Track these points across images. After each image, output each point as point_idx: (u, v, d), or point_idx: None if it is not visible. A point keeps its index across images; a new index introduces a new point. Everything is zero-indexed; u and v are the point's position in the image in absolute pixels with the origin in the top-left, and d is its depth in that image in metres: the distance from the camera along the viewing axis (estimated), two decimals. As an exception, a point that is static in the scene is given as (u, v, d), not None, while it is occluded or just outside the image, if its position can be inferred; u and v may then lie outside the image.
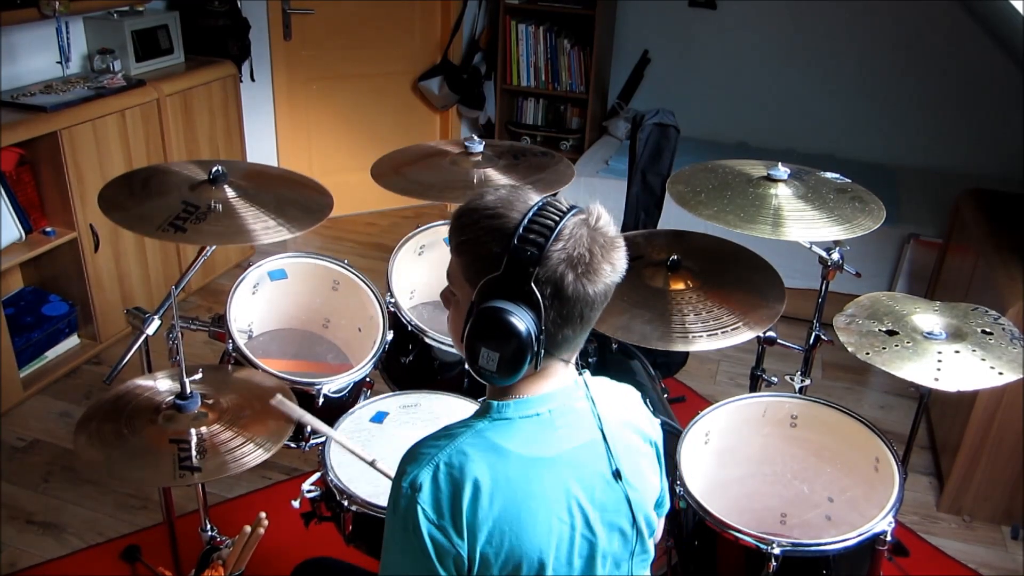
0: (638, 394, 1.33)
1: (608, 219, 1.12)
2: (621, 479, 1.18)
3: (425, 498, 1.07)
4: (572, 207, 1.12)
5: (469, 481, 1.07)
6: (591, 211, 1.12)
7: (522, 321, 1.06)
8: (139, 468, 1.57)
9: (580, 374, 1.22)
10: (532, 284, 1.06)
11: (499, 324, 1.07)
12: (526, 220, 1.08)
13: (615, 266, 1.11)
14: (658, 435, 1.32)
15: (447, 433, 1.14)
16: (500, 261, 1.08)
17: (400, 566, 1.11)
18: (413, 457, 1.11)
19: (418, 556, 1.08)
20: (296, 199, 2.06)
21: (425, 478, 1.08)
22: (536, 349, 1.09)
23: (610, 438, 1.18)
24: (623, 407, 1.27)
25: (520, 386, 1.16)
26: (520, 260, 1.06)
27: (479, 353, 1.10)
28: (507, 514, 1.08)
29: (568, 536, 1.14)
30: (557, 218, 1.08)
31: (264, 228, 1.92)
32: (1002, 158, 4.14)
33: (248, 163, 3.38)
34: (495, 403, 1.15)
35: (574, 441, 1.16)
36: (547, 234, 1.07)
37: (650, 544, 1.30)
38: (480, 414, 1.16)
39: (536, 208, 1.10)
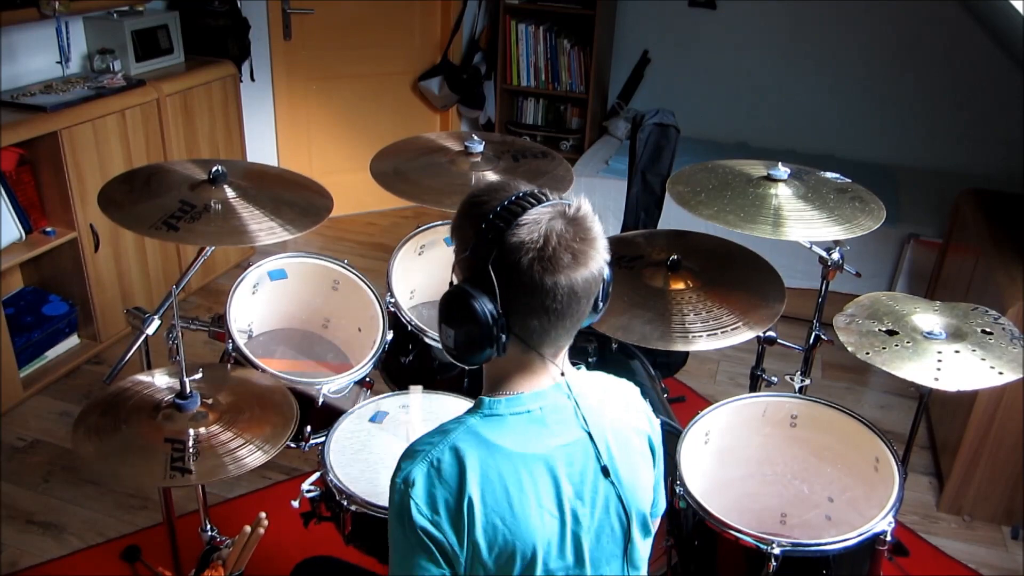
0: (636, 389, 1.34)
1: (587, 212, 1.12)
2: (610, 476, 1.19)
3: (418, 493, 1.09)
4: (554, 199, 1.12)
5: (461, 476, 1.10)
6: (572, 203, 1.12)
7: (478, 301, 1.08)
8: (131, 465, 1.57)
9: (577, 369, 1.24)
10: (489, 267, 1.08)
11: (454, 303, 1.10)
12: (499, 207, 1.10)
13: (576, 257, 1.09)
14: (656, 433, 1.33)
15: (441, 430, 1.16)
16: (470, 244, 1.11)
17: (400, 560, 1.13)
18: (408, 454, 1.14)
19: (415, 550, 1.10)
20: (295, 200, 2.06)
21: (419, 474, 1.10)
22: (495, 333, 1.10)
23: (600, 436, 1.19)
24: (618, 403, 1.28)
25: (512, 383, 1.18)
26: (482, 243, 1.09)
27: (440, 330, 1.14)
28: (499, 509, 1.10)
29: (558, 531, 1.16)
30: (529, 206, 1.10)
31: (260, 229, 1.91)
32: (1002, 158, 4.14)
33: (248, 162, 3.38)
34: (487, 399, 1.17)
35: (565, 438, 1.17)
36: (511, 220, 1.08)
37: (643, 542, 1.30)
38: (472, 410, 1.18)
39: (514, 196, 1.11)
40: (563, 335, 1.16)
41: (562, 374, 1.20)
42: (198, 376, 1.72)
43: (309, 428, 2.08)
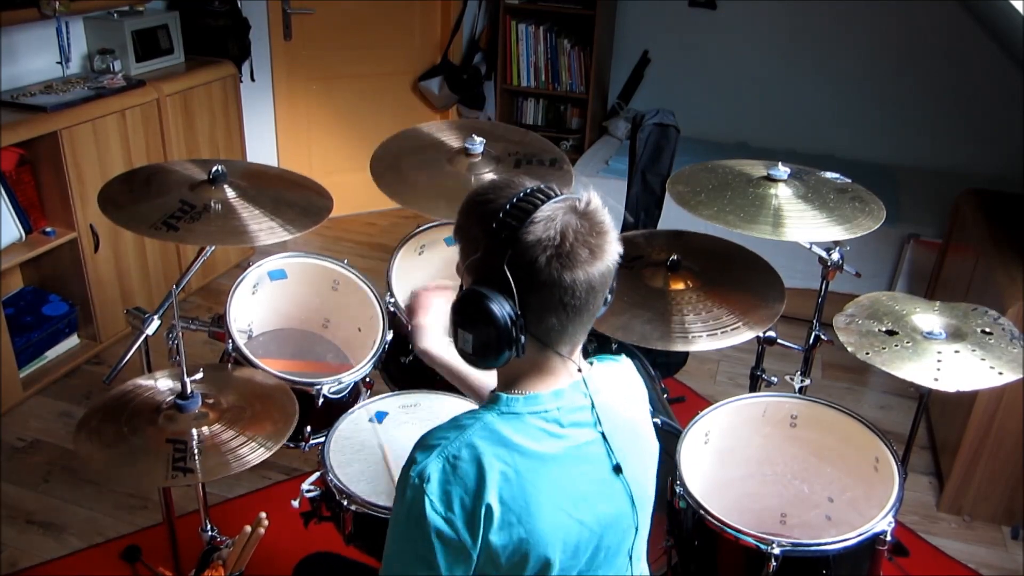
0: (630, 364, 1.33)
1: (598, 206, 1.11)
2: (621, 473, 1.19)
3: (433, 490, 1.07)
4: (563, 194, 1.11)
5: (478, 474, 1.08)
6: (582, 197, 1.11)
7: (496, 303, 1.06)
8: (134, 467, 1.57)
9: (591, 364, 1.23)
10: (505, 267, 1.06)
11: (471, 306, 1.08)
12: (508, 205, 1.08)
13: (593, 252, 1.08)
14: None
15: (457, 424, 1.13)
16: (481, 245, 1.10)
17: (403, 554, 1.11)
18: (422, 446, 1.12)
19: (422, 546, 1.08)
20: (295, 200, 2.06)
21: (434, 469, 1.08)
22: (515, 334, 1.08)
23: (612, 433, 1.19)
24: (632, 396, 1.28)
25: (529, 382, 1.16)
26: (495, 243, 1.07)
27: (457, 335, 1.12)
28: (516, 508, 1.09)
29: (575, 531, 1.15)
30: (539, 202, 1.08)
31: (260, 229, 1.91)
32: (1002, 158, 4.14)
33: (248, 162, 3.38)
34: (504, 396, 1.15)
35: (581, 437, 1.16)
36: (524, 218, 1.07)
37: (644, 533, 1.31)
38: (489, 406, 1.16)
39: (522, 193, 1.10)
40: (580, 331, 1.15)
41: (579, 370, 1.19)
42: (199, 376, 1.72)
43: (309, 428, 2.08)
